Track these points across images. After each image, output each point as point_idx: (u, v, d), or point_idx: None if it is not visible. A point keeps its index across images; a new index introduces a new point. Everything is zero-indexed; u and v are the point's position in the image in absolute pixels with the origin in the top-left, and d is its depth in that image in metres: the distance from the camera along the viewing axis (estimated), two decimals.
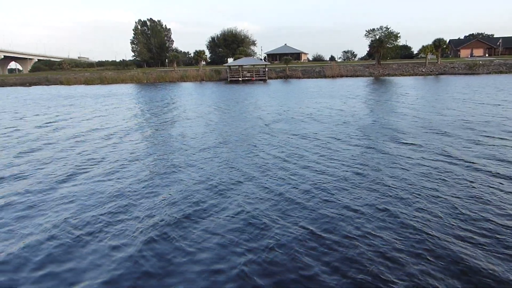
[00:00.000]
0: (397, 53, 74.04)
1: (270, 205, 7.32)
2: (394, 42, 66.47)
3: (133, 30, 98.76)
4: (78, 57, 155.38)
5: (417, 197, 7.49)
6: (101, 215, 7.19)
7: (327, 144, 12.47)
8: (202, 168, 10.15)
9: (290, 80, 59.10)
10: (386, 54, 67.31)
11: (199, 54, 76.23)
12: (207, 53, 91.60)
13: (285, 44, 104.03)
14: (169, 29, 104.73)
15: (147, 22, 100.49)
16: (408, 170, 9.26)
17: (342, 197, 7.63)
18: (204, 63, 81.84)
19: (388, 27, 66.53)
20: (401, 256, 5.37)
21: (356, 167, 9.66)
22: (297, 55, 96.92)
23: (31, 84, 75.04)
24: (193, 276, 5.09)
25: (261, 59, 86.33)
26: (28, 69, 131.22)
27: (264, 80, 60.68)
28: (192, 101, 30.70)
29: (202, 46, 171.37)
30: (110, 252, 5.73)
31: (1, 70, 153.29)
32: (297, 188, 8.19)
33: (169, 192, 8.37)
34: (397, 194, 7.68)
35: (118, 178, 9.62)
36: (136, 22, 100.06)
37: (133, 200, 7.97)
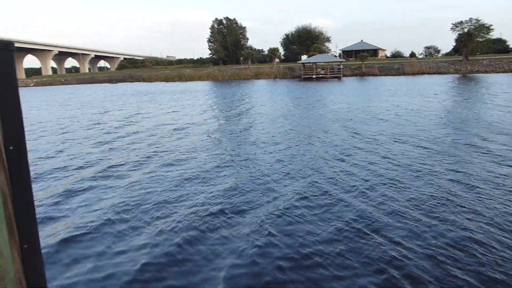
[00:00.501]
0: (488, 47, 67.41)
1: (325, 204, 6.68)
2: (486, 36, 60.77)
3: (210, 28, 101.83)
4: (167, 56, 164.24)
5: None
6: (164, 201, 7.44)
7: (401, 151, 11.23)
8: (266, 163, 10.07)
9: (366, 78, 56.83)
10: (475, 49, 61.68)
11: (273, 51, 76.44)
12: (281, 51, 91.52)
13: (362, 40, 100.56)
14: (244, 27, 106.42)
15: (223, 20, 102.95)
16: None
17: (415, 208, 6.73)
18: (277, 60, 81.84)
19: (479, 19, 60.98)
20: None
21: (441, 184, 8.56)
22: (373, 52, 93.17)
23: (117, 81, 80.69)
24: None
25: (335, 56, 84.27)
26: (115, 67, 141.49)
27: (339, 78, 59.01)
28: (264, 98, 30.62)
29: (276, 43, 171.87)
30: (160, 236, 5.52)
31: (92, 68, 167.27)
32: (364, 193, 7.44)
33: (232, 183, 8.48)
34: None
35: (187, 168, 9.94)
36: (213, 21, 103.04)
37: (196, 188, 8.22)
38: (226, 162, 10.56)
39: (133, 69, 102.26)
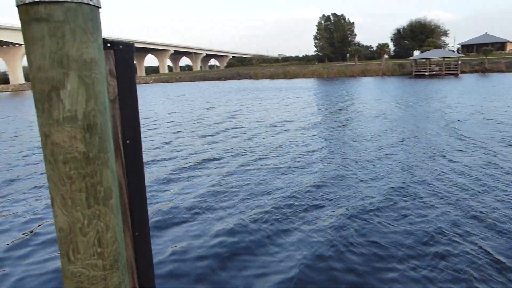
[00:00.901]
0: None
1: (439, 214, 6.06)
2: None
3: (316, 25, 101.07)
4: (278, 54, 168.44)
5: None
6: (253, 192, 7.42)
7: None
8: (371, 168, 9.55)
9: (489, 75, 51.01)
10: None
11: (382, 47, 73.01)
12: (391, 46, 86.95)
13: (486, 32, 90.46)
14: (352, 22, 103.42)
15: (331, 17, 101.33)
16: None
17: None
18: (387, 56, 77.93)
19: None
20: None
21: None
22: (500, 45, 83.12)
23: (225, 78, 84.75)
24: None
25: (453, 51, 77.22)
26: (224, 65, 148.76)
27: (456, 75, 53.98)
28: (371, 96, 29.39)
29: (386, 39, 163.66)
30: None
31: (203, 66, 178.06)
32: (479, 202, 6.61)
33: (320, 180, 8.18)
34: None
35: (280, 162, 9.92)
36: (319, 18, 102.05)
37: (285, 182, 7.93)
38: (318, 159, 10.43)
39: (241, 67, 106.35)
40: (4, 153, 13.89)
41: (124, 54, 1.38)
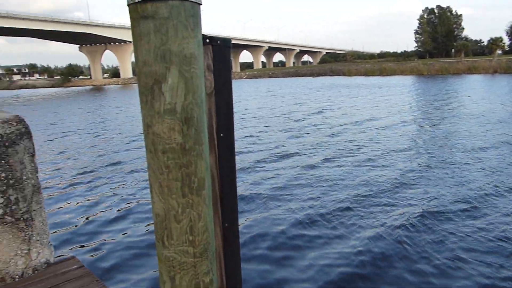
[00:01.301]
0: None
1: None
2: None
3: (418, 19, 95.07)
4: (380, 50, 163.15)
5: None
6: (346, 199, 7.24)
7: None
8: (458, 171, 8.75)
9: None
10: None
11: (494, 42, 66.26)
12: (506, 41, 78.33)
13: None
14: (460, 15, 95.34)
15: (435, 9, 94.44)
16: None
17: None
18: (500, 52, 70.44)
19: None
20: None
21: None
22: None
23: (318, 74, 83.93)
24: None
25: None
26: (317, 61, 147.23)
27: None
28: (476, 96, 26.77)
29: (500, 32, 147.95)
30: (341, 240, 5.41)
31: (296, 62, 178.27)
32: None
33: (424, 190, 7.52)
34: None
35: (374, 167, 9.54)
36: (422, 11, 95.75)
37: (382, 190, 7.63)
38: (403, 158, 9.91)
39: (334, 63, 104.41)
40: (113, 139, 15.41)
41: (222, 49, 1.42)
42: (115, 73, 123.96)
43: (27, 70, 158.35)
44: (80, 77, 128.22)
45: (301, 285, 4.43)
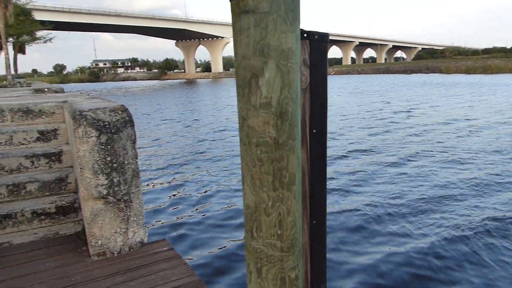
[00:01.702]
0: None
1: None
2: None
3: None
4: (486, 46, 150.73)
5: None
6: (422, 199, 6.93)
7: None
8: None
9: None
10: None
11: None
12: None
13: None
14: None
15: None
16: None
17: None
18: None
19: None
20: None
21: None
22: None
23: (411, 71, 79.36)
24: None
25: None
26: (411, 58, 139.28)
27: None
28: None
29: None
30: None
31: (388, 58, 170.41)
32: None
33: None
34: None
35: (459, 168, 9.01)
36: None
37: (467, 193, 7.23)
38: (505, 170, 8.88)
39: (430, 59, 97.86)
40: (201, 129, 16.18)
41: (319, 44, 1.39)
42: (206, 67, 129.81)
43: (129, 64, 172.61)
44: (175, 70, 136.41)
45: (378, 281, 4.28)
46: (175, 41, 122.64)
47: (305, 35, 1.35)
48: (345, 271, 4.65)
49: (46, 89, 10.03)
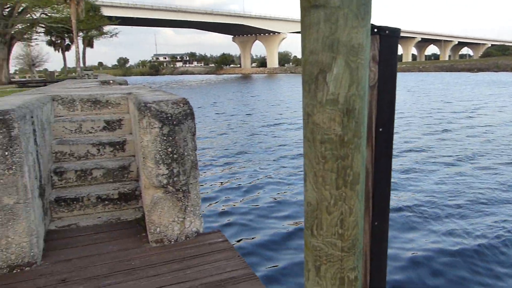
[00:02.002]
0: None
1: None
2: None
3: None
4: None
5: None
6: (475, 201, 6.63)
7: None
8: None
9: None
10: None
11: None
12: None
13: None
14: None
15: None
16: None
17: None
18: None
19: None
20: None
21: None
22: None
23: (478, 69, 74.63)
24: None
25: None
26: (479, 55, 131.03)
27: None
28: None
29: None
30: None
31: (453, 55, 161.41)
32: None
33: None
34: None
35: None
36: None
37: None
38: None
39: (501, 57, 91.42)
40: (255, 123, 16.30)
41: (389, 40, 1.34)
42: (262, 62, 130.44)
43: (187, 58, 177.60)
44: (231, 65, 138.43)
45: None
46: (232, 36, 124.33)
47: (375, 30, 1.31)
48: (398, 268, 4.51)
49: (111, 81, 10.58)
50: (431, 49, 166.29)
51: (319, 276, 1.33)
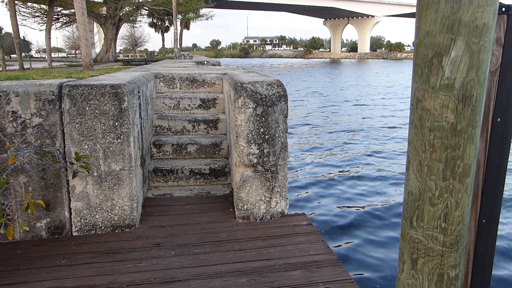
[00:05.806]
0: None
1: None
2: None
3: None
4: None
5: None
6: None
7: None
8: None
9: None
10: None
11: None
12: None
13: None
14: None
15: None
16: None
17: None
18: None
19: None
20: None
21: None
22: None
23: None
24: None
25: None
26: None
27: None
28: None
29: None
30: None
31: None
32: None
33: None
34: None
35: None
36: None
37: None
38: None
39: None
40: (345, 109, 15.93)
41: None
42: (352, 47, 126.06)
43: (277, 41, 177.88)
44: (320, 49, 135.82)
45: None
46: (323, 19, 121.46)
47: (503, 9, 1.18)
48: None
49: (205, 62, 11.02)
50: None
51: (415, 269, 1.28)
